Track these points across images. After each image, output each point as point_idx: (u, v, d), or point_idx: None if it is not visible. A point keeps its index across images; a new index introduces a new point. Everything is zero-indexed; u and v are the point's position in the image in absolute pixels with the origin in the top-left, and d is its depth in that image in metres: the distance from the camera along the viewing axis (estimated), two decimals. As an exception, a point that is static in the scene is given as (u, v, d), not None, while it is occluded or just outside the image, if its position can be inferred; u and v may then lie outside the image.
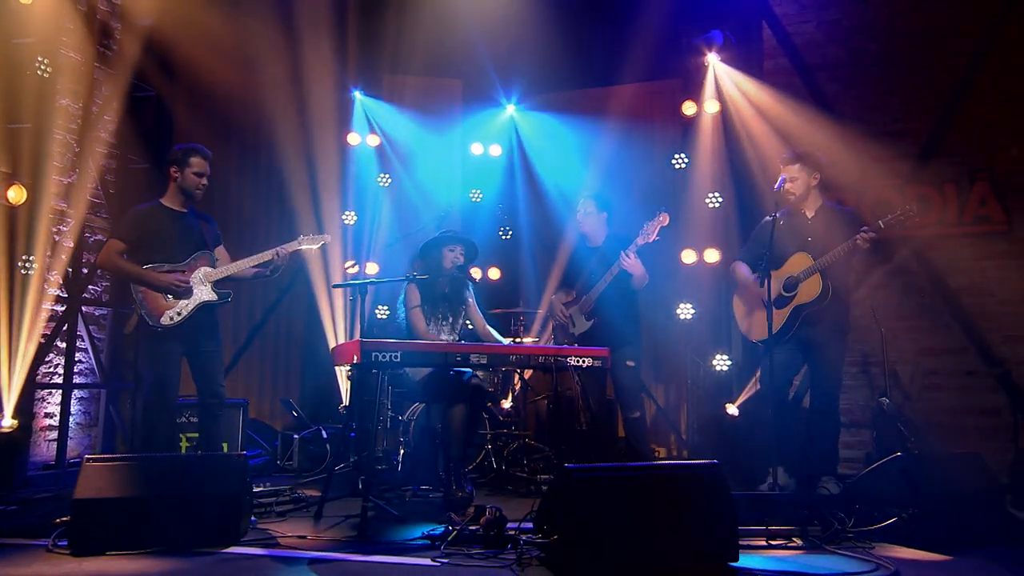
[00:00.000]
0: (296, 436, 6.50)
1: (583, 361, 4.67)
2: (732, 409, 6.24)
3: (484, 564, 3.35)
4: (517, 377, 6.56)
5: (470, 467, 5.84)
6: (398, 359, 4.19)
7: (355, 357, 4.13)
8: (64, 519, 3.68)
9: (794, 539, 3.78)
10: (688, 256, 6.82)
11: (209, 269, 4.71)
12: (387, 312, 7.49)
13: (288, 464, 6.46)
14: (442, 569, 3.30)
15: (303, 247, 4.99)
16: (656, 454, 7.09)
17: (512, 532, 3.61)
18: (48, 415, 6.10)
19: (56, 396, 6.07)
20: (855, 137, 6.73)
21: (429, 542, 3.66)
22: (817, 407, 4.92)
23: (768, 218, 4.96)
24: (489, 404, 6.34)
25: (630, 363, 5.56)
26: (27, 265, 5.26)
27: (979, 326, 6.25)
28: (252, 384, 7.73)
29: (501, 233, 7.92)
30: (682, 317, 6.75)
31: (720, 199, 6.76)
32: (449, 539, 3.59)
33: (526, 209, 7.95)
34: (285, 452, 6.54)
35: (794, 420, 5.07)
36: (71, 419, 6.20)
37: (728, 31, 6.89)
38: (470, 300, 5.26)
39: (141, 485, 3.67)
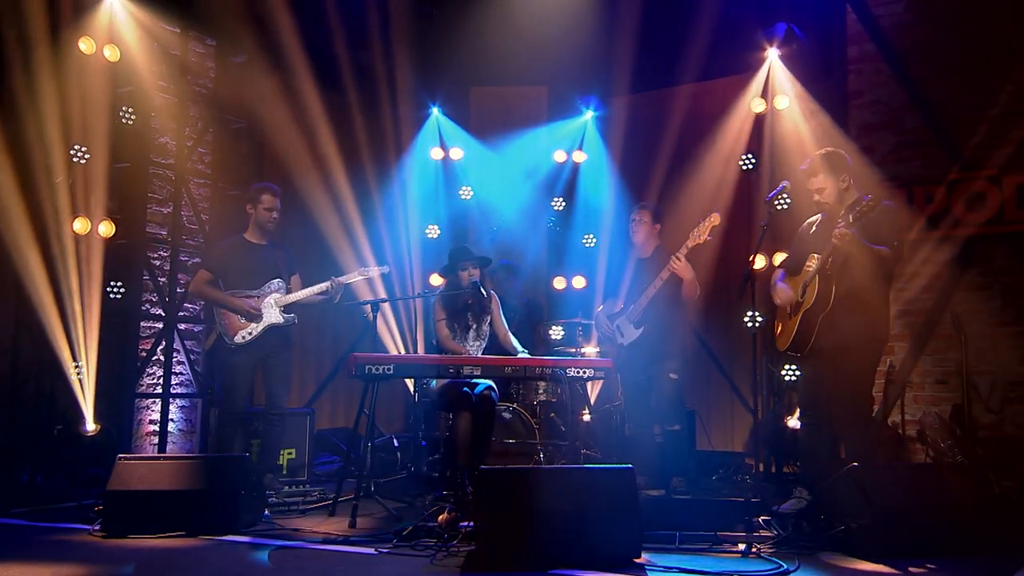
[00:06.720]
0: (369, 444, 7.43)
1: (583, 372, 5.22)
2: (792, 422, 6.44)
3: (415, 554, 4.04)
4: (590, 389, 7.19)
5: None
6: (391, 371, 4.97)
7: (352, 369, 4.96)
8: (101, 507, 4.75)
9: (739, 544, 4.16)
10: (757, 261, 7.02)
11: (279, 295, 5.81)
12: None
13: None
14: (375, 556, 4.04)
15: (358, 278, 5.99)
16: (751, 468, 7.40)
17: (464, 528, 4.27)
18: (152, 422, 7.42)
19: (159, 404, 7.36)
20: (945, 123, 6.74)
21: (392, 536, 4.38)
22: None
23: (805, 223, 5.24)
24: (553, 415, 7.01)
25: (673, 376, 5.98)
26: (115, 291, 6.53)
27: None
28: (348, 396, 8.80)
29: (584, 241, 8.46)
30: (748, 326, 6.98)
31: (788, 201, 6.94)
32: (404, 533, 4.29)
33: (612, 215, 8.41)
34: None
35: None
36: (174, 425, 7.50)
37: (796, 22, 7.07)
38: (493, 310, 5.96)
39: (161, 480, 4.68)
